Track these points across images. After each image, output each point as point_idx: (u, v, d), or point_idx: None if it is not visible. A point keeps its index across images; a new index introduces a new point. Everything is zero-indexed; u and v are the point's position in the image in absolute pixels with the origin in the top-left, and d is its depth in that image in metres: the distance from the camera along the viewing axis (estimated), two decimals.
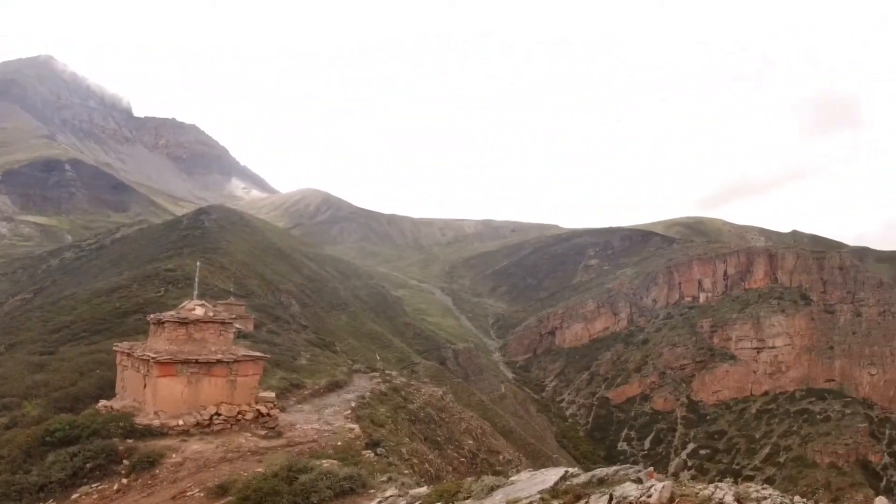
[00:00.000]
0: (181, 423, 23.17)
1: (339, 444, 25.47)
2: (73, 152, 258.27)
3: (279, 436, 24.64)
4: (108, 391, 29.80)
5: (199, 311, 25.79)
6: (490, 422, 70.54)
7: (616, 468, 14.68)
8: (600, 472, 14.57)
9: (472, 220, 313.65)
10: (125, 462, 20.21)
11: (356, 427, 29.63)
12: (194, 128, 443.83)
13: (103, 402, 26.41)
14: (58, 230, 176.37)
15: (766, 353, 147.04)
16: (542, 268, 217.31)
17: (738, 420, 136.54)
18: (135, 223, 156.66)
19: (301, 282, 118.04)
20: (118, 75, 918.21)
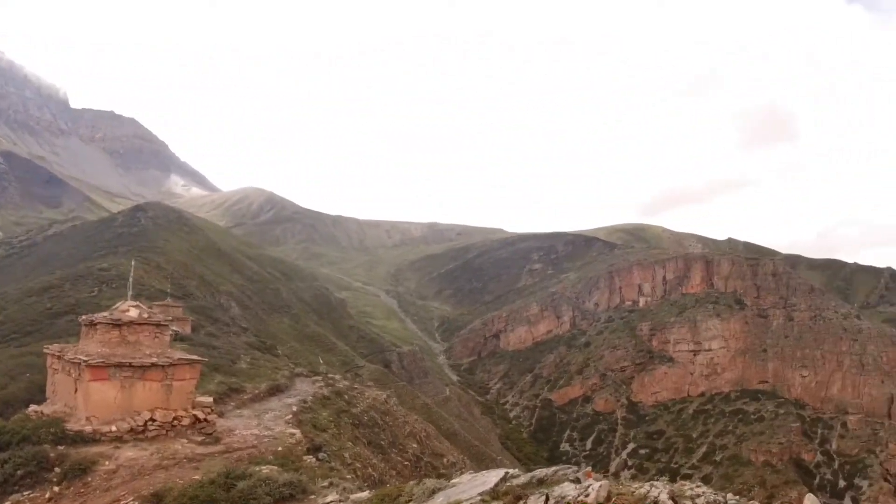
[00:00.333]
0: (114, 429, 22.29)
1: (280, 449, 25.02)
2: (6, 144, 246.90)
3: (217, 442, 23.94)
4: (39, 395, 28.68)
5: (134, 313, 24.80)
6: (435, 425, 70.44)
7: (555, 468, 14.79)
8: (540, 472, 14.63)
9: (418, 223, 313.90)
10: (57, 469, 19.46)
11: (297, 432, 29.08)
12: (133, 121, 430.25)
13: (34, 407, 25.27)
14: None
15: (702, 355, 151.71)
16: (487, 271, 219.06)
17: (676, 420, 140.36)
18: (68, 220, 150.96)
19: (242, 283, 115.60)
20: (56, 65, 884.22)
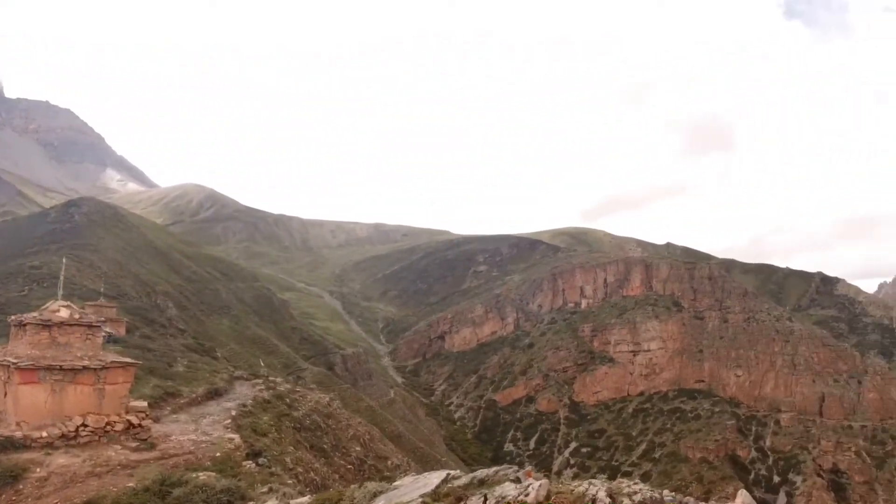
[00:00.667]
0: (45, 434, 21.51)
1: (218, 455, 24.59)
2: None
3: (152, 448, 23.23)
4: None
5: (65, 313, 23.75)
6: (379, 427, 69.98)
7: (496, 469, 14.94)
8: (481, 473, 14.77)
9: (363, 224, 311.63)
10: None
11: (236, 437, 28.58)
12: (68, 112, 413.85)
13: None
14: None
15: (641, 355, 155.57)
16: (432, 273, 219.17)
17: (616, 419, 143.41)
18: None
19: (179, 283, 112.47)
20: None
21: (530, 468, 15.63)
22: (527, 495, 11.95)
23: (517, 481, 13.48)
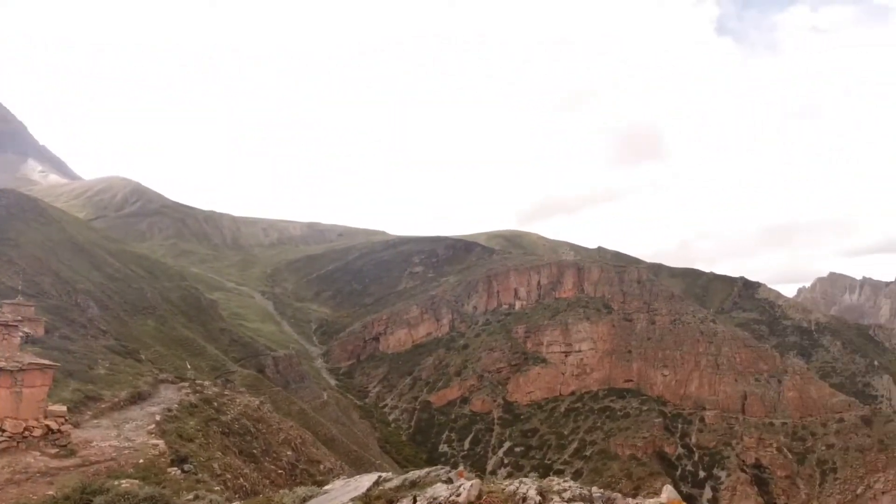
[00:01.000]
0: None
1: (141, 461, 24.11)
2: None
3: (72, 454, 22.24)
4: None
5: None
6: (311, 431, 68.89)
7: (428, 470, 15.12)
8: (412, 474, 14.93)
9: (298, 223, 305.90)
10: None
11: (161, 443, 28.07)
12: None
13: None
14: None
15: (573, 356, 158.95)
16: (368, 273, 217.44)
17: (549, 418, 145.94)
18: None
19: (102, 281, 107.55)
20: None
21: (462, 468, 15.97)
22: (458, 496, 12.10)
23: (449, 482, 13.70)
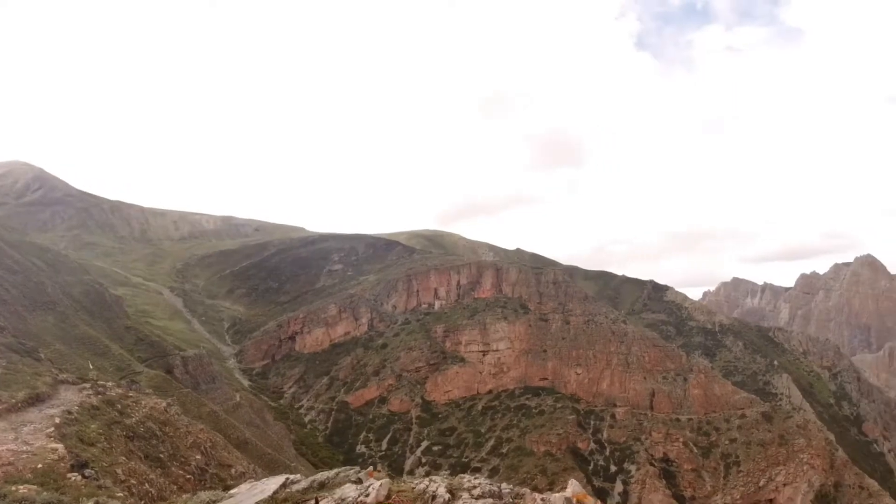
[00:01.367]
0: None
1: (40, 466, 23.08)
2: None
3: None
4: None
5: None
6: (223, 434, 65.93)
7: (337, 471, 15.04)
8: (321, 476, 14.85)
9: (211, 216, 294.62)
10: None
11: (60, 447, 26.55)
12: None
13: None
14: None
15: (490, 355, 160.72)
16: (284, 270, 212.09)
17: (466, 417, 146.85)
18: None
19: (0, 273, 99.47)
20: None
21: (372, 468, 15.80)
22: (367, 496, 12.16)
23: (358, 482, 13.72)
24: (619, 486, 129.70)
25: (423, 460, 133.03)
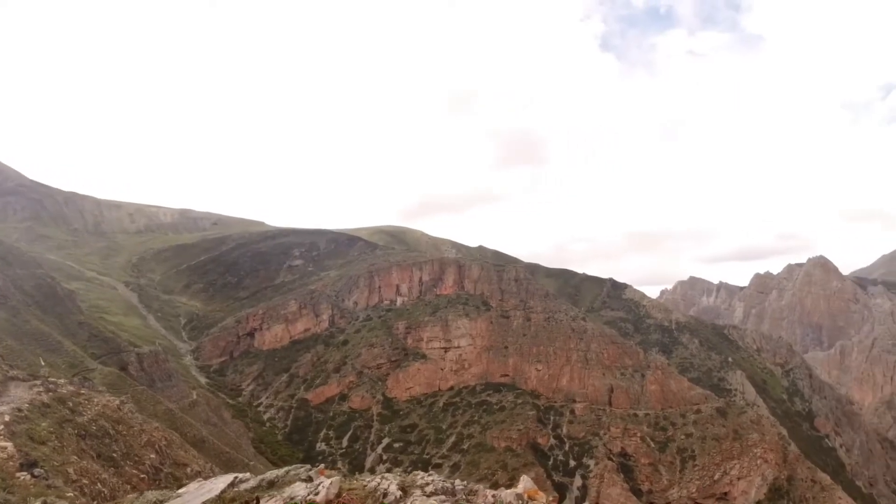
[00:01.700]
0: None
1: None
2: None
3: None
4: None
5: None
6: (179, 432, 64.60)
7: (287, 469, 14.92)
8: (270, 474, 14.74)
9: (168, 209, 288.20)
10: None
11: (9, 445, 26.07)
12: None
13: None
14: None
15: (452, 352, 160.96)
16: (243, 265, 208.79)
17: (427, 413, 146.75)
18: None
19: None
20: None
21: (322, 466, 15.68)
22: (316, 494, 12.06)
23: (309, 480, 13.63)
24: (578, 481, 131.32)
25: (384, 457, 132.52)
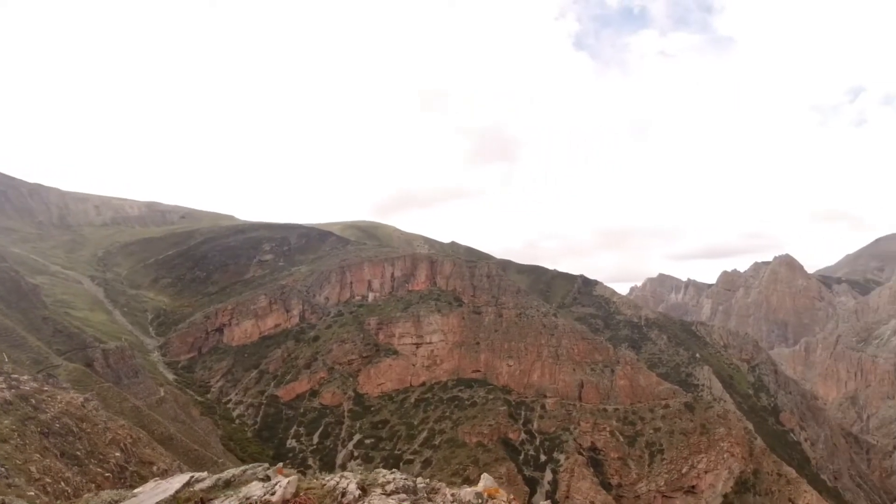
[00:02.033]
0: None
1: None
2: None
3: None
4: None
5: None
6: (146, 430, 63.57)
7: (244, 468, 14.82)
8: (227, 473, 14.64)
9: (135, 201, 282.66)
10: None
11: None
12: None
13: None
14: None
15: (424, 347, 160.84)
16: (213, 260, 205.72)
17: (399, 409, 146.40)
18: None
19: None
20: None
21: (281, 465, 15.54)
22: (272, 494, 11.96)
23: (266, 479, 13.56)
24: (548, 475, 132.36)
25: (356, 454, 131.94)
